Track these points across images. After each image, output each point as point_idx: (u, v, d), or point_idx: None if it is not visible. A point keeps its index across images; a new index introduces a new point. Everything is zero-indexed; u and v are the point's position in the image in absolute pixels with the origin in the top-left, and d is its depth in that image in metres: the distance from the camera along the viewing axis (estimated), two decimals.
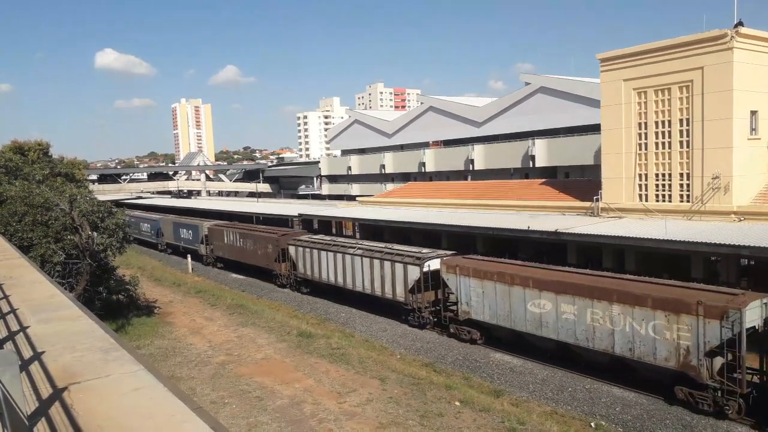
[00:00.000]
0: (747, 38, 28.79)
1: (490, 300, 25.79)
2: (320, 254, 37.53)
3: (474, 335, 27.25)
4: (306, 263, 39.22)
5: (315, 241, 39.58)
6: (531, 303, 24.04)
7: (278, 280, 43.12)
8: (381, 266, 32.32)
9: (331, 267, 36.50)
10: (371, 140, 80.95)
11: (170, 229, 63.70)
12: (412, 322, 30.69)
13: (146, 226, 71.52)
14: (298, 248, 39.88)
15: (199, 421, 4.70)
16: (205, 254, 54.73)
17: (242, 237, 47.35)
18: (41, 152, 47.77)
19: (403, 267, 30.73)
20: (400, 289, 31.00)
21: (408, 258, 30.97)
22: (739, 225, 27.61)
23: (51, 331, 8.04)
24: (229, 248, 49.92)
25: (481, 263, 27.51)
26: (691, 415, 19.06)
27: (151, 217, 72.68)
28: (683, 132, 30.44)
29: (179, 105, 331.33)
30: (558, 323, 22.97)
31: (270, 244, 43.27)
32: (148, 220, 72.28)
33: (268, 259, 43.68)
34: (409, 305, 30.61)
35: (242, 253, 47.45)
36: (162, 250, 66.82)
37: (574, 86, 50.39)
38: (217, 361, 26.45)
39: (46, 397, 5.54)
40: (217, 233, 52.27)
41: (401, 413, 19.92)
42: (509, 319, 25.05)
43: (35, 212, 29.87)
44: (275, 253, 42.55)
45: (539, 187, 44.06)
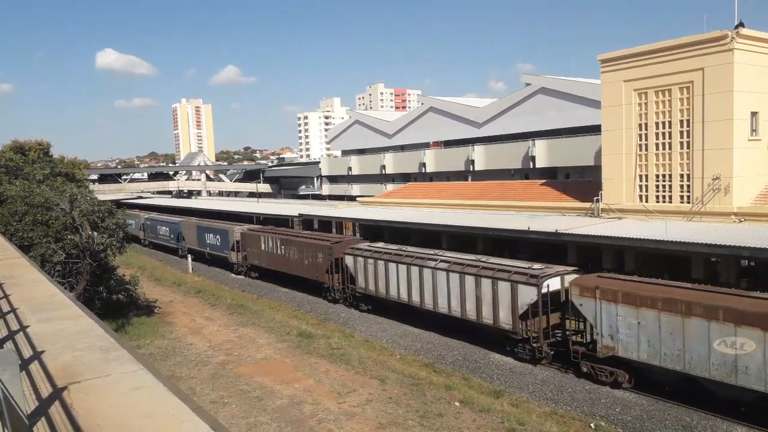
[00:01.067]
0: (747, 39, 28.78)
1: (650, 334, 20.23)
2: (387, 266, 31.95)
3: (619, 377, 21.71)
4: (368, 276, 33.61)
5: (379, 250, 33.67)
6: (720, 341, 18.56)
7: (329, 295, 37.65)
8: (477, 284, 26.34)
9: (402, 282, 30.98)
10: (372, 141, 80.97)
11: (193, 234, 57.52)
12: (522, 356, 24.93)
13: (164, 229, 65.54)
14: (357, 258, 34.18)
15: (198, 420, 4.70)
16: (236, 262, 49.40)
17: (285, 244, 42.04)
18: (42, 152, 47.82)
19: (511, 286, 24.73)
20: (504, 313, 25.12)
21: (518, 275, 24.85)
22: (739, 226, 27.60)
23: (51, 330, 8.05)
24: (267, 256, 44.45)
25: (635, 285, 21.80)
26: (690, 415, 19.05)
27: (170, 219, 65.90)
28: (684, 133, 30.43)
29: (180, 105, 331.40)
30: (766, 370, 17.54)
31: (320, 253, 37.78)
32: (166, 222, 65.85)
33: (317, 269, 38.28)
34: (518, 334, 24.71)
35: (284, 262, 42.02)
36: (183, 256, 60.17)
37: (574, 87, 50.40)
38: (216, 361, 26.45)
39: (45, 396, 5.55)
40: (252, 239, 46.74)
41: (401, 413, 19.93)
42: (681, 360, 19.48)
43: (35, 212, 29.89)
44: (326, 264, 37.21)
45: (539, 188, 44.05)
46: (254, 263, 46.90)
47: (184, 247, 59.75)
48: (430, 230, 40.00)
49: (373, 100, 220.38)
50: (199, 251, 55.95)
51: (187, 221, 60.60)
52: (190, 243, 58.19)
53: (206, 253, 54.39)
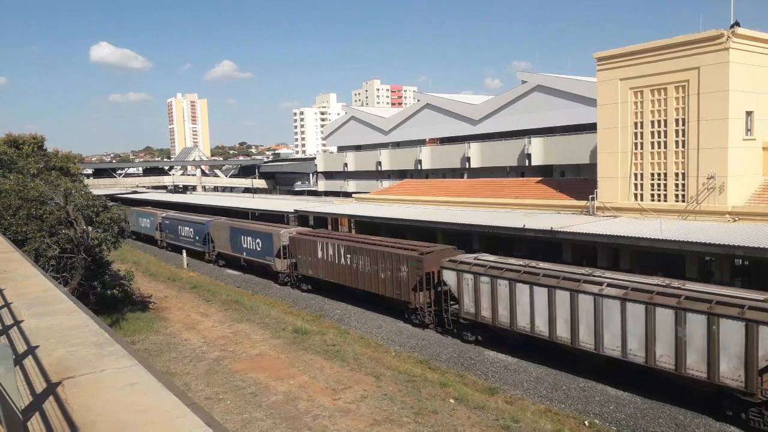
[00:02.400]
0: (743, 39, 28.86)
1: None
2: (514, 287, 24.47)
3: None
4: (479, 298, 26.18)
5: (497, 265, 26.22)
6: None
7: (415, 317, 30.47)
8: (678, 321, 19.03)
9: (539, 310, 23.46)
10: (367, 137, 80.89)
11: (225, 236, 50.28)
12: None
13: (188, 230, 58.37)
14: (463, 275, 26.92)
15: (193, 416, 4.69)
16: (281, 271, 42.24)
17: (352, 252, 34.76)
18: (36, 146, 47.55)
19: (746, 328, 17.52)
20: (731, 366, 17.98)
21: (756, 312, 17.50)
22: (733, 225, 27.72)
23: (45, 325, 8.01)
24: (326, 266, 37.11)
25: None
26: (684, 413, 19.15)
27: (195, 219, 58.36)
28: (679, 132, 30.52)
29: (175, 99, 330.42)
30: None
31: (405, 265, 30.61)
32: (190, 223, 58.28)
33: (399, 285, 31.07)
34: (755, 396, 17.68)
35: (350, 274, 34.92)
36: (210, 260, 53.70)
37: (570, 85, 50.46)
38: (211, 357, 26.42)
39: (40, 391, 5.52)
40: (304, 245, 39.36)
41: (396, 410, 19.95)
42: None
43: (29, 206, 29.73)
44: (413, 279, 30.10)
45: (535, 186, 44.13)
46: (307, 273, 39.39)
47: (212, 251, 53.31)
48: (426, 227, 40.03)
49: (370, 96, 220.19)
50: (233, 256, 49.23)
51: (218, 222, 53.36)
52: (221, 247, 51.13)
53: (242, 259, 47.56)
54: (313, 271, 38.56)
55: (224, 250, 50.69)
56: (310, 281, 39.79)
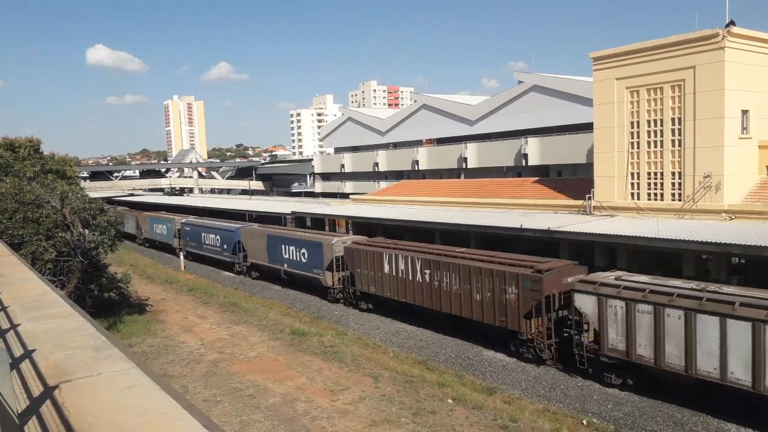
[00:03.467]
0: (738, 38, 28.94)
1: None
2: (692, 319, 18.68)
3: None
4: (632, 332, 20.42)
5: (659, 289, 20.24)
6: None
7: (528, 350, 24.31)
8: None
9: (737, 350, 17.74)
10: (364, 138, 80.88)
11: (260, 245, 44.18)
12: None
13: (213, 237, 51.80)
14: (606, 301, 21.12)
15: (191, 419, 4.68)
16: (332, 286, 36.30)
17: (433, 267, 28.52)
18: (32, 149, 47.34)
19: None
20: None
21: None
22: (730, 223, 27.79)
23: (42, 328, 8.00)
24: (395, 283, 31.11)
25: None
26: (681, 411, 19.18)
27: (222, 226, 51.90)
28: (675, 131, 30.58)
29: (172, 102, 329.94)
30: None
31: (513, 286, 24.35)
32: (216, 230, 51.52)
33: (502, 310, 24.86)
34: None
35: (430, 293, 28.78)
36: (241, 272, 47.89)
37: (567, 85, 50.53)
38: (209, 359, 26.38)
39: (37, 395, 5.51)
40: (366, 257, 33.28)
41: (394, 411, 19.95)
42: None
43: (26, 209, 29.65)
44: (526, 303, 23.86)
45: (532, 186, 44.18)
46: (368, 291, 33.49)
47: (244, 262, 47.24)
48: (423, 228, 40.04)
49: (366, 98, 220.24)
50: (271, 268, 43.34)
51: (251, 229, 47.28)
52: (255, 257, 45.12)
53: (282, 271, 42.01)
54: (377, 288, 32.61)
55: (259, 261, 44.58)
56: (371, 299, 33.83)
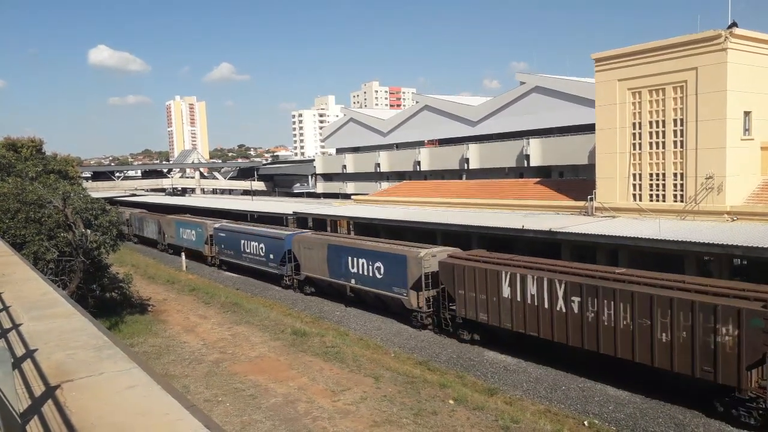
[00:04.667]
0: (741, 39, 28.92)
1: None
2: None
3: None
4: None
5: None
6: None
7: (751, 414, 17.81)
8: None
9: None
10: (366, 139, 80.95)
11: (318, 256, 37.62)
12: None
13: (255, 245, 45.08)
14: None
15: (192, 419, 4.69)
16: (419, 309, 29.76)
17: (585, 293, 21.55)
18: (34, 149, 47.47)
19: None
20: None
21: None
22: (732, 225, 27.75)
23: (44, 328, 8.01)
24: (518, 311, 24.12)
25: None
26: (683, 413, 19.15)
27: (269, 233, 44.69)
28: (677, 132, 30.56)
29: (174, 102, 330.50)
30: None
31: (729, 325, 17.74)
32: (260, 237, 44.70)
33: (706, 357, 18.35)
34: None
35: (577, 327, 21.87)
36: (290, 286, 41.25)
37: (569, 86, 50.53)
38: (210, 359, 26.38)
39: (38, 394, 5.52)
40: (471, 275, 26.15)
41: (395, 411, 19.93)
42: None
43: (28, 209, 29.70)
44: (752, 349, 17.41)
45: (534, 187, 44.16)
46: (474, 318, 26.31)
47: (295, 275, 40.60)
48: (425, 228, 40.04)
49: (368, 98, 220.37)
50: (332, 284, 36.90)
51: (306, 237, 40.44)
52: (312, 270, 38.53)
53: (348, 287, 35.33)
54: (490, 316, 25.47)
55: (316, 275, 38.05)
56: (477, 328, 26.86)
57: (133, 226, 74.13)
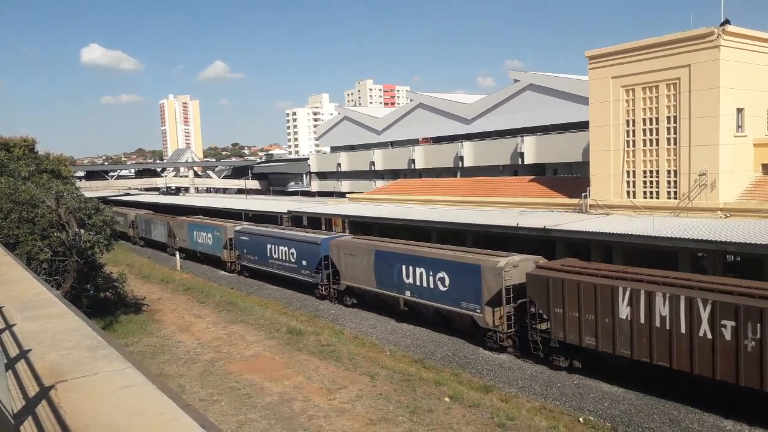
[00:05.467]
0: (733, 36, 29.04)
1: None
2: None
3: None
4: None
5: None
6: None
7: None
8: None
9: None
10: (361, 137, 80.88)
11: (363, 264, 32.53)
12: None
13: (284, 251, 39.42)
14: None
15: (188, 418, 4.67)
16: (495, 327, 24.99)
17: (739, 316, 17.18)
18: (27, 148, 47.21)
19: None
20: None
21: None
22: (725, 221, 27.88)
23: (37, 328, 7.96)
24: (642, 336, 19.77)
25: None
26: (678, 409, 19.24)
27: (301, 236, 39.45)
28: (671, 129, 30.67)
29: (167, 101, 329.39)
30: None
31: None
32: (292, 241, 39.22)
33: None
34: None
35: (731, 359, 17.57)
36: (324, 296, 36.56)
37: (562, 83, 50.61)
38: (206, 359, 26.34)
39: (32, 395, 5.48)
40: (571, 290, 21.72)
41: (391, 409, 19.96)
42: None
43: (21, 209, 29.56)
44: None
45: (528, 184, 44.25)
46: (579, 342, 21.80)
47: (333, 284, 35.62)
48: (419, 226, 40.06)
49: (362, 96, 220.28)
50: (381, 295, 31.97)
51: (347, 241, 35.30)
52: (354, 279, 33.40)
53: (402, 300, 30.35)
54: (600, 341, 21.05)
55: (361, 285, 33.12)
56: (577, 353, 22.68)
57: (139, 228, 69.75)
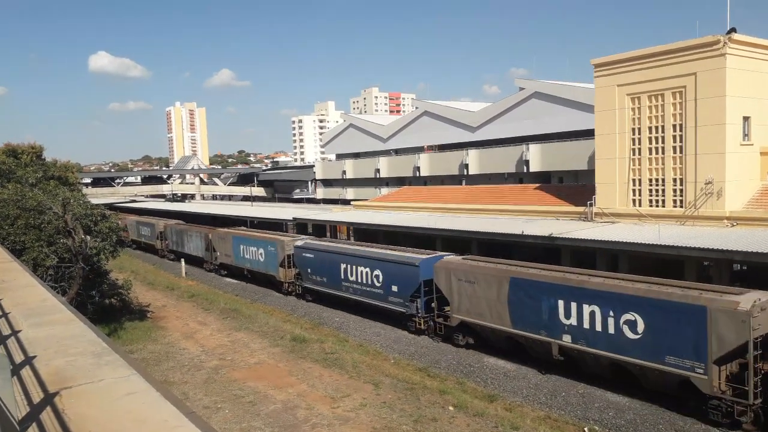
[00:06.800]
0: (739, 44, 29.01)
1: None
2: None
3: None
4: None
5: None
6: None
7: None
8: None
9: None
10: (366, 144, 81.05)
11: (491, 295, 25.26)
12: None
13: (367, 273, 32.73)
14: None
15: (191, 426, 4.67)
16: (722, 395, 17.90)
17: None
18: (34, 155, 47.51)
19: None
20: None
21: None
22: (731, 230, 27.75)
23: (43, 335, 7.99)
24: None
25: None
26: (683, 419, 19.09)
27: (388, 256, 31.95)
28: (676, 137, 30.60)
29: (174, 108, 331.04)
30: None
31: None
32: (377, 261, 32.22)
33: None
34: None
35: None
36: (422, 331, 29.59)
37: (568, 91, 50.63)
38: (210, 366, 26.32)
39: (37, 401, 5.50)
40: None
41: (395, 418, 19.87)
42: None
43: (28, 215, 29.72)
44: None
45: (533, 192, 44.18)
46: None
47: (437, 316, 28.51)
48: (424, 234, 40.03)
49: (368, 104, 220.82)
50: (515, 335, 24.68)
51: (460, 265, 27.51)
52: (472, 312, 26.19)
53: (556, 346, 22.84)
54: None
55: (484, 322, 25.66)
56: None
57: (169, 240, 62.60)
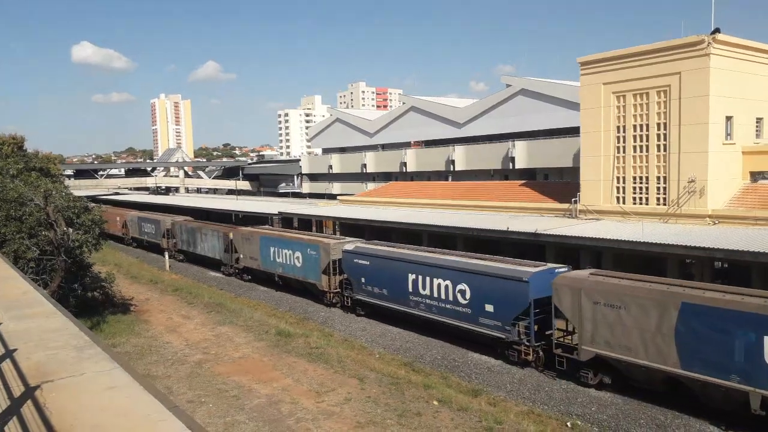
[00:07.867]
0: (723, 45, 29.32)
1: None
2: None
3: None
4: None
5: None
6: None
7: None
8: None
9: None
10: (352, 139, 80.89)
11: (649, 324, 19.14)
12: None
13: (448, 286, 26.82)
14: None
15: (175, 420, 4.64)
16: None
17: None
18: (15, 146, 46.76)
19: None
20: None
21: None
22: (713, 228, 28.11)
23: (23, 328, 7.89)
24: None
25: None
26: (664, 414, 19.35)
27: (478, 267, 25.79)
28: (660, 136, 30.90)
29: (158, 100, 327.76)
30: None
31: None
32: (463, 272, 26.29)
33: None
34: None
35: None
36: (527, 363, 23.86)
37: (554, 89, 50.89)
38: (193, 360, 26.17)
39: (17, 395, 5.43)
40: None
41: (379, 413, 19.91)
42: None
43: (8, 207, 29.29)
44: None
45: (519, 189, 44.41)
46: None
47: (561, 348, 22.87)
48: (410, 230, 40.09)
49: (355, 99, 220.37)
50: (697, 382, 18.33)
51: (595, 284, 21.41)
52: (625, 347, 20.09)
53: (759, 397, 16.68)
54: None
55: (637, 359, 19.84)
56: None
57: (177, 239, 55.90)
